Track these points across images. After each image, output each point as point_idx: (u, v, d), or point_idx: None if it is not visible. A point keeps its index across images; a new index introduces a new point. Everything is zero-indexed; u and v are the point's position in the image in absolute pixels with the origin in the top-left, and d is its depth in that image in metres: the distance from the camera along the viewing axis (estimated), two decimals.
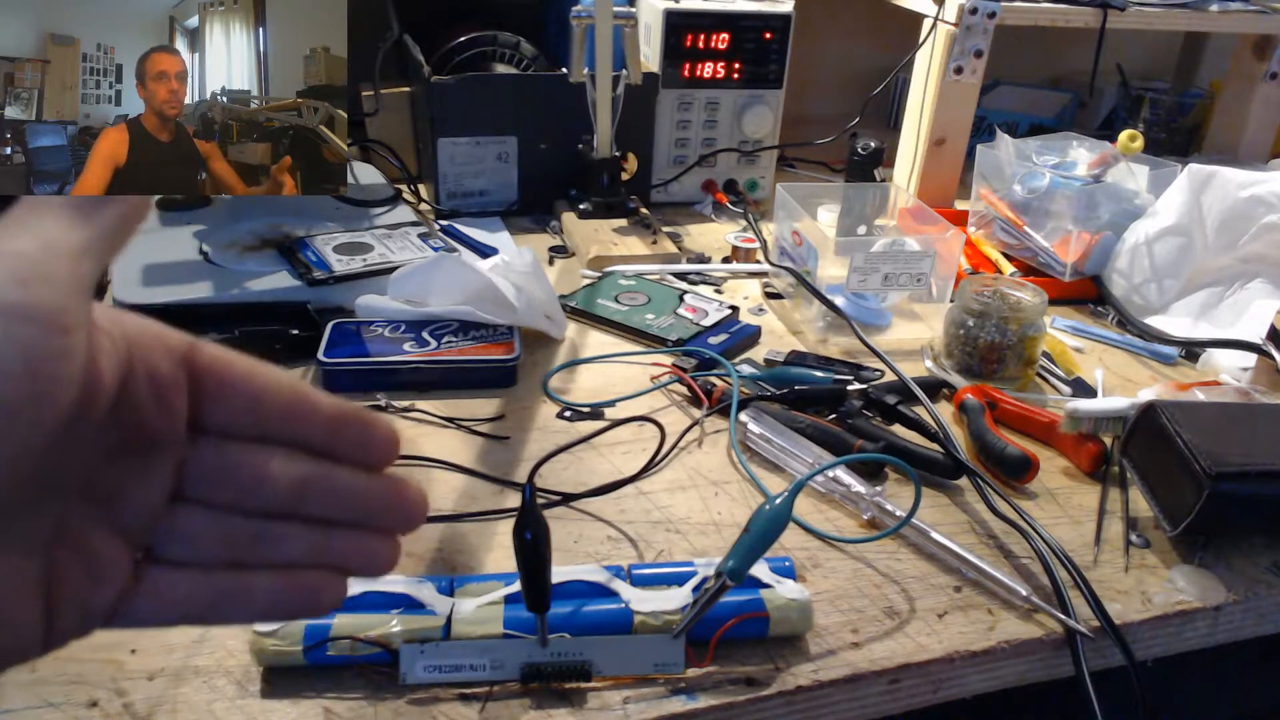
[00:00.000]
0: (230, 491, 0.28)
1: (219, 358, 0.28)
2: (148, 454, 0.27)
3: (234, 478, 0.28)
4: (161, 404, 0.27)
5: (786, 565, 0.59)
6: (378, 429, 0.30)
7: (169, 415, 0.27)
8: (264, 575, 0.29)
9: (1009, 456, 0.72)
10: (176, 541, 0.28)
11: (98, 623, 0.27)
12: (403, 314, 0.84)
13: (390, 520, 0.31)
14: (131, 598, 0.27)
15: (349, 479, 0.30)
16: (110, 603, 0.27)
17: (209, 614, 0.28)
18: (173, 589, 0.28)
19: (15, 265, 0.23)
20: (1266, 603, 0.63)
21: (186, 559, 0.28)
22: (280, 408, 0.29)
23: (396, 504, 0.30)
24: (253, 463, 0.28)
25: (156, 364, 0.26)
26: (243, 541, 0.29)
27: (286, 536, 0.29)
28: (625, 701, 0.51)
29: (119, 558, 0.27)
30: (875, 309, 0.95)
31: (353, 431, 0.30)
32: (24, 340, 0.22)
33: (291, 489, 0.29)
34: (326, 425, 0.29)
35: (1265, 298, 0.92)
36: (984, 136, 1.34)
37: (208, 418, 0.28)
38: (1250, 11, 1.25)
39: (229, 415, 0.28)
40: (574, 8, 1.02)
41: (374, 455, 0.30)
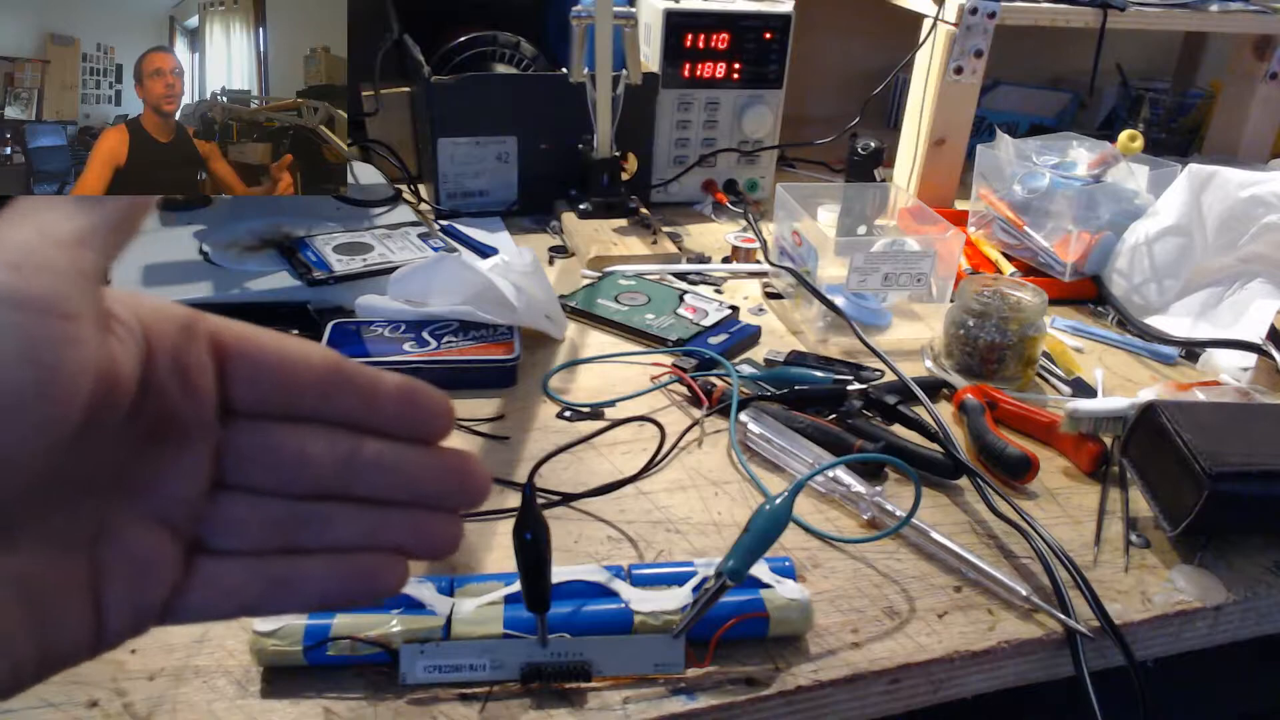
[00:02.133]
0: (272, 475, 0.27)
1: (245, 336, 0.27)
2: (181, 442, 0.26)
3: (274, 460, 0.27)
4: (188, 389, 0.26)
5: (786, 565, 0.59)
6: (425, 399, 0.28)
7: (197, 400, 0.26)
8: (318, 560, 0.28)
9: (1009, 456, 0.72)
10: (224, 531, 0.27)
11: (153, 620, 0.26)
12: (403, 314, 0.84)
13: (449, 497, 0.29)
14: (184, 592, 0.26)
15: (398, 454, 0.28)
16: (162, 598, 0.26)
17: (264, 603, 0.27)
18: (225, 579, 0.27)
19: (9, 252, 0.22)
20: (1266, 603, 0.63)
21: (237, 548, 0.27)
22: (315, 383, 0.27)
23: (454, 479, 0.29)
24: (292, 443, 0.27)
25: (180, 350, 0.25)
26: (292, 526, 0.27)
27: (338, 519, 0.28)
28: (625, 701, 0.51)
29: (166, 552, 0.26)
30: (875, 309, 0.95)
31: (397, 403, 0.28)
32: (18, 327, 0.21)
33: (336, 468, 0.27)
34: (366, 399, 0.28)
35: (1265, 298, 0.92)
36: (984, 136, 1.34)
37: (240, 399, 0.27)
38: (1250, 11, 1.25)
39: (262, 394, 0.27)
40: (574, 8, 1.02)
41: (424, 428, 0.28)
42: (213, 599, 0.27)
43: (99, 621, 0.25)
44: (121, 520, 0.25)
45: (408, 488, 0.28)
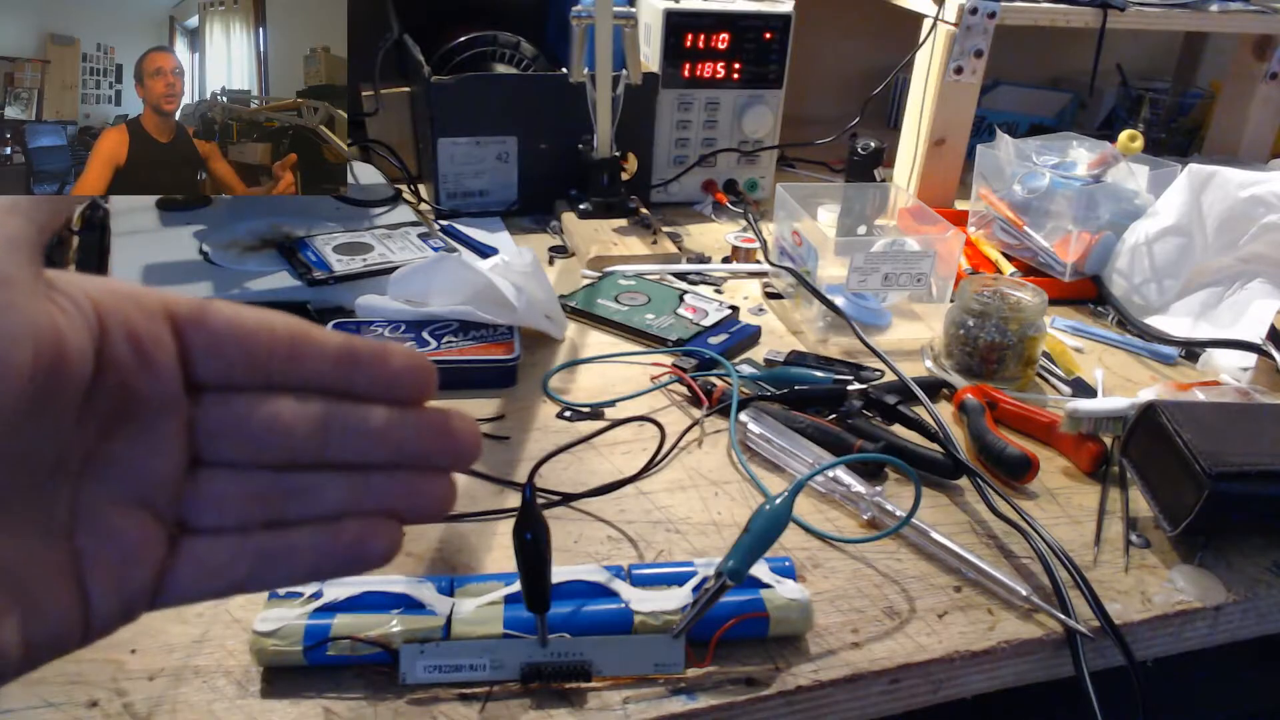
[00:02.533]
0: (247, 447, 0.27)
1: (200, 307, 0.26)
2: (148, 420, 0.26)
3: (247, 431, 0.27)
4: (148, 365, 0.25)
5: (786, 565, 0.59)
6: (396, 359, 0.28)
7: (158, 376, 0.25)
8: (306, 532, 0.27)
9: (1009, 456, 0.72)
10: (206, 508, 0.27)
11: (143, 604, 0.26)
12: (403, 314, 0.84)
13: (436, 456, 0.28)
14: (171, 573, 0.26)
15: (376, 415, 0.27)
16: (149, 581, 0.26)
17: (255, 578, 0.27)
18: (212, 558, 0.27)
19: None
20: (1266, 603, 0.63)
21: (221, 525, 0.27)
22: (279, 349, 0.27)
23: (439, 438, 0.28)
24: (263, 412, 0.27)
25: (134, 324, 0.25)
26: (275, 498, 0.27)
27: (320, 487, 0.27)
28: (625, 701, 0.51)
29: (148, 534, 0.26)
30: (875, 309, 0.95)
31: (367, 365, 0.27)
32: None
33: (310, 434, 0.27)
34: (335, 362, 0.27)
35: (1265, 298, 0.92)
36: (984, 136, 1.34)
37: (203, 372, 0.26)
38: (1250, 11, 1.25)
39: (225, 366, 0.26)
40: (574, 8, 1.02)
41: (399, 389, 0.28)
42: (201, 579, 0.27)
43: (85, 609, 0.25)
44: (98, 505, 0.25)
45: (389, 449, 0.28)
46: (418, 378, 0.28)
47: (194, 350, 0.26)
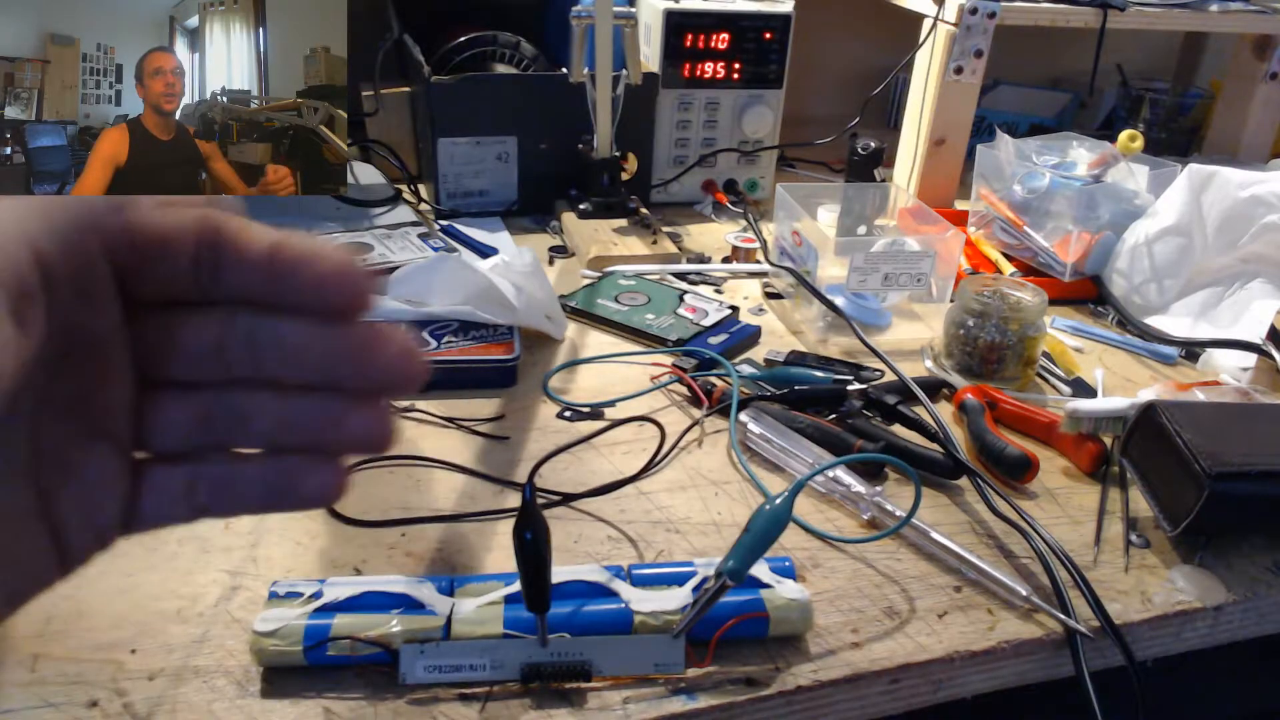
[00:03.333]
0: (184, 364, 0.26)
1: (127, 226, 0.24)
2: (94, 352, 0.25)
3: (182, 348, 0.25)
4: (87, 301, 0.24)
5: (786, 565, 0.59)
6: (320, 262, 0.24)
7: (100, 309, 0.24)
8: (254, 462, 0.27)
9: (1009, 456, 0.72)
10: (160, 432, 0.26)
11: (115, 533, 0.26)
12: (403, 314, 0.84)
13: (367, 378, 0.26)
14: (138, 501, 0.26)
15: (301, 330, 0.25)
16: (118, 511, 0.26)
17: (214, 505, 0.27)
18: (173, 484, 0.27)
19: None
20: (1266, 603, 0.63)
21: (176, 448, 0.27)
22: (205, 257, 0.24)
23: (365, 355, 0.25)
24: (195, 324, 0.25)
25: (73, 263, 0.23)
26: (219, 419, 0.26)
27: (255, 408, 0.26)
28: (625, 701, 0.51)
29: (112, 465, 0.26)
30: (875, 309, 0.95)
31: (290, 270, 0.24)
32: None
33: (239, 348, 0.25)
34: (262, 266, 0.24)
35: (1265, 298, 0.92)
36: (984, 136, 1.34)
37: (141, 289, 0.25)
38: (1250, 11, 1.25)
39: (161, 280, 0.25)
40: (574, 8, 1.02)
41: (328, 299, 0.25)
42: (165, 504, 0.27)
43: (60, 545, 0.25)
44: (57, 443, 0.25)
45: (316, 368, 0.25)
46: (347, 283, 0.25)
47: (129, 270, 0.25)
